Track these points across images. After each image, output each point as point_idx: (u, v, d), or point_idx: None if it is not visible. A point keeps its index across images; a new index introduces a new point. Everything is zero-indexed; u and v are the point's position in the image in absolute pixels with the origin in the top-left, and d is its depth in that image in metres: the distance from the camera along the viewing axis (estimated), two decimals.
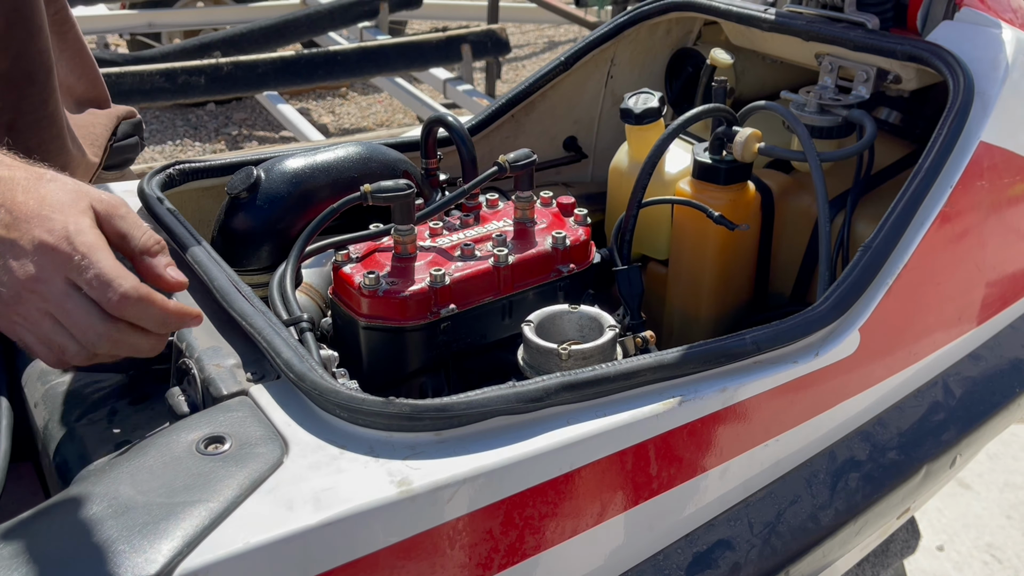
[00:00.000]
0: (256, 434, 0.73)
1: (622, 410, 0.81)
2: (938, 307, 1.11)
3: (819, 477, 0.97)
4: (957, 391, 1.12)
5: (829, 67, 1.34)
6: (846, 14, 1.30)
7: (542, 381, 0.78)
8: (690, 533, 0.89)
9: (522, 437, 0.76)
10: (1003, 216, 1.19)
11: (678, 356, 0.85)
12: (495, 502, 0.73)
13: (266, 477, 0.68)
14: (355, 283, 1.00)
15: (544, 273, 1.08)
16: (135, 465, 0.69)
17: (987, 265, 1.18)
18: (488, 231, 1.10)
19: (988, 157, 1.12)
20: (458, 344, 1.03)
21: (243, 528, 0.64)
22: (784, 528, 0.92)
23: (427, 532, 0.70)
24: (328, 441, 0.73)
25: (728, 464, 0.90)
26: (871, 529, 1.01)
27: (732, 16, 1.41)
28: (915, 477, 1.03)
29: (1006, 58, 1.17)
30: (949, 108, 1.10)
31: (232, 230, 1.09)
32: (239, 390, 0.79)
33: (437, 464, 0.72)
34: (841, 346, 0.96)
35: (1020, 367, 1.21)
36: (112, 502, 0.66)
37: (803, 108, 1.32)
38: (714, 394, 0.86)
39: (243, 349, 0.84)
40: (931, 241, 1.04)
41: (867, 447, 1.02)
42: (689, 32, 1.62)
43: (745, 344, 0.89)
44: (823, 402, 0.98)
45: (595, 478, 0.79)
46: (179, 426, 0.74)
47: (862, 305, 0.98)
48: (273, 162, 1.11)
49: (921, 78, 1.28)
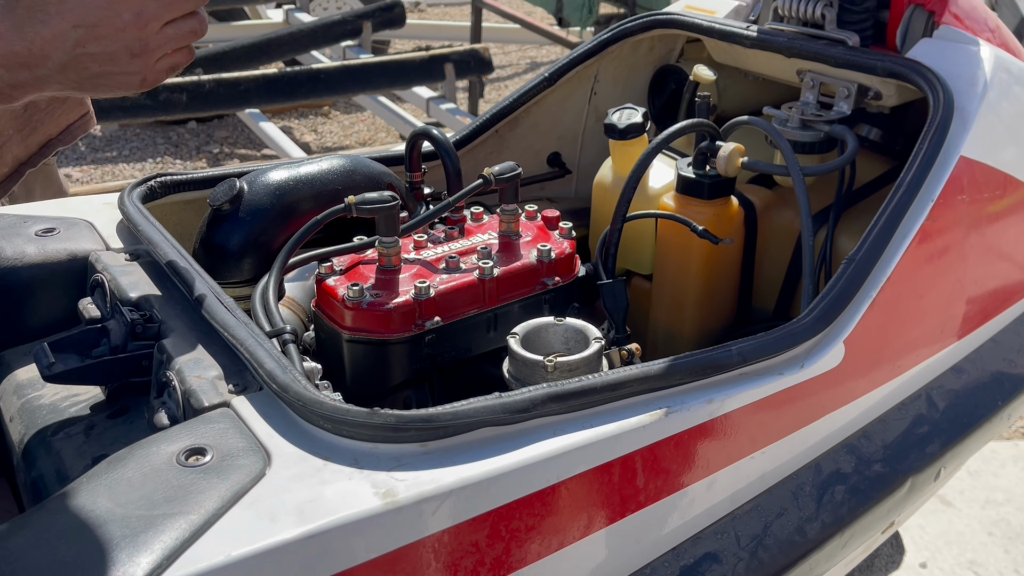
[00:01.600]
0: (238, 446, 0.71)
1: (608, 421, 0.80)
2: (921, 320, 1.12)
3: (805, 490, 0.97)
4: (941, 404, 1.12)
5: (811, 83, 1.35)
6: (827, 31, 1.32)
7: (528, 392, 0.77)
8: (677, 546, 0.88)
9: (508, 448, 0.75)
10: (983, 230, 1.20)
11: (664, 367, 0.85)
12: (481, 514, 0.72)
13: (248, 489, 0.67)
14: (339, 295, 0.99)
15: (529, 286, 1.07)
16: (114, 477, 0.68)
17: (968, 278, 1.19)
18: (473, 244, 1.10)
19: (968, 172, 1.14)
20: (443, 357, 1.03)
21: (225, 541, 0.63)
22: (771, 541, 0.92)
23: (412, 544, 0.69)
24: (311, 452, 0.72)
25: (715, 476, 0.89)
26: (857, 542, 1.01)
27: (714, 33, 1.42)
28: (900, 490, 1.03)
29: (985, 75, 1.19)
30: (929, 123, 1.12)
31: (214, 242, 1.07)
32: (221, 402, 0.77)
33: (422, 475, 0.71)
34: (826, 358, 0.96)
35: (1002, 380, 1.22)
36: (90, 515, 0.64)
37: (785, 124, 1.33)
38: (700, 406, 0.86)
39: (225, 361, 0.83)
40: (913, 254, 1.05)
41: (852, 460, 1.02)
42: (672, 49, 1.63)
43: (731, 356, 0.89)
44: (809, 414, 0.98)
45: (581, 490, 0.79)
46: (159, 438, 0.73)
47: (846, 317, 0.99)
48: (256, 174, 1.11)
49: (901, 94, 1.29)
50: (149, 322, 0.89)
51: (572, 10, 3.97)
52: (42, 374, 0.84)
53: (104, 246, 1.04)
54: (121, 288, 0.93)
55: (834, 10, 1.31)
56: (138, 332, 0.88)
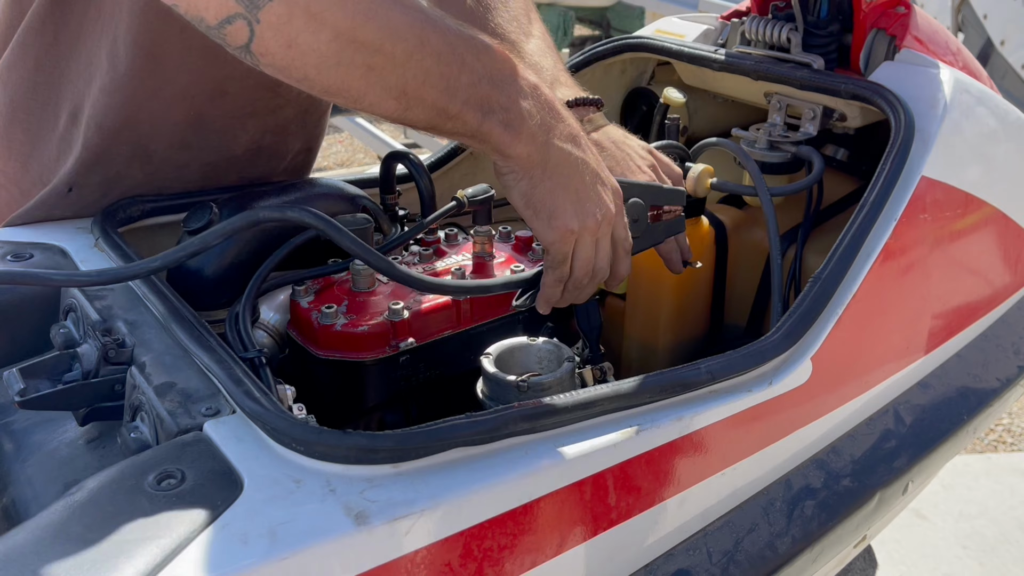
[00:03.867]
0: (210, 469, 0.72)
1: (580, 440, 0.81)
2: (887, 336, 1.14)
3: (775, 505, 0.98)
4: (908, 419, 1.14)
5: (778, 105, 1.38)
6: (792, 55, 1.35)
7: (499, 412, 0.78)
8: (650, 563, 0.89)
9: (480, 468, 0.76)
10: (947, 248, 1.23)
11: (634, 386, 0.87)
12: (454, 534, 0.73)
13: (221, 512, 0.68)
14: (312, 317, 0.99)
15: (503, 306, 1.09)
16: (86, 503, 0.68)
17: (933, 295, 1.21)
18: (447, 265, 1.11)
19: (930, 191, 1.16)
20: (417, 378, 1.03)
21: (197, 564, 0.63)
22: (742, 557, 0.93)
23: (385, 565, 0.70)
24: (284, 475, 0.72)
25: (686, 493, 0.91)
26: (828, 556, 1.03)
27: (684, 56, 1.45)
28: (869, 504, 1.05)
29: (944, 96, 1.22)
30: (891, 144, 1.14)
31: (188, 266, 1.08)
32: (193, 425, 0.78)
33: (395, 496, 0.71)
34: (794, 375, 0.98)
35: (967, 395, 1.24)
36: (62, 541, 0.64)
37: (753, 145, 1.35)
38: (671, 423, 0.87)
39: (198, 384, 0.83)
40: (878, 272, 1.07)
41: (822, 475, 1.03)
42: (643, 72, 1.66)
43: (700, 374, 0.90)
44: (778, 431, 1.00)
45: (554, 508, 0.80)
46: (131, 462, 0.73)
47: (813, 334, 1.01)
48: (230, 198, 1.11)
49: (865, 116, 1.32)
50: (121, 346, 0.89)
51: None
52: (13, 400, 0.84)
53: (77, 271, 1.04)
54: (93, 313, 0.94)
55: (799, 34, 1.34)
56: (110, 356, 0.88)
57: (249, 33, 0.71)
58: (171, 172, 1.14)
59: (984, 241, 1.33)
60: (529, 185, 0.86)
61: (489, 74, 0.80)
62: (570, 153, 0.86)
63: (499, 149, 0.84)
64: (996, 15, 4.17)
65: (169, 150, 1.11)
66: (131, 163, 1.10)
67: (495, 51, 0.82)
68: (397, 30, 0.75)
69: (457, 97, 0.79)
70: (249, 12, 0.70)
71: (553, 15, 4.41)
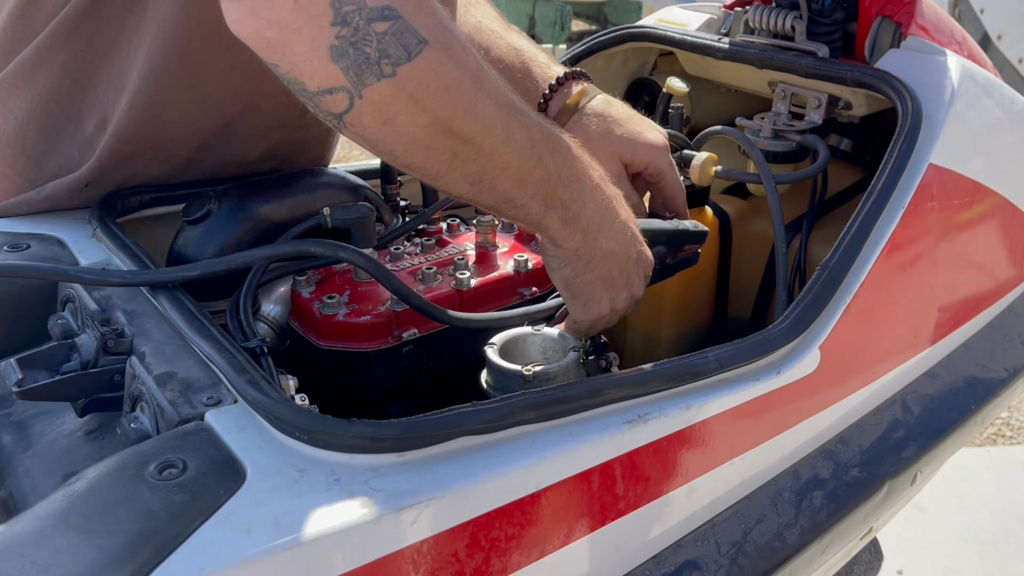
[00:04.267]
0: (212, 458, 0.70)
1: (586, 429, 0.80)
2: (895, 325, 1.13)
3: (784, 496, 0.97)
4: (916, 409, 1.13)
5: (782, 94, 1.37)
6: (797, 43, 1.34)
7: (505, 400, 0.77)
8: (657, 554, 0.88)
9: (487, 457, 0.75)
10: (954, 237, 1.22)
11: (641, 374, 0.85)
12: (460, 524, 0.72)
13: (223, 502, 0.66)
14: (313, 308, 0.98)
15: (506, 296, 1.07)
16: (86, 493, 0.66)
17: (940, 284, 1.20)
18: (449, 255, 1.10)
19: (938, 179, 1.15)
20: (420, 368, 1.02)
21: (199, 555, 0.62)
22: (751, 547, 0.92)
23: (390, 555, 0.68)
24: (288, 464, 0.71)
25: (694, 483, 0.89)
26: (836, 547, 1.01)
27: (686, 46, 1.44)
28: (878, 494, 1.04)
29: (952, 84, 1.21)
30: (899, 132, 1.13)
31: (188, 256, 1.06)
32: (194, 415, 0.76)
33: (400, 485, 0.70)
34: (802, 364, 0.97)
35: (975, 385, 1.23)
36: (61, 530, 0.63)
37: (758, 134, 1.34)
38: (678, 412, 0.86)
39: (199, 374, 0.81)
40: (886, 260, 1.06)
41: (830, 465, 1.02)
42: (645, 62, 1.64)
43: (708, 362, 0.89)
44: (786, 420, 0.98)
45: (561, 498, 0.78)
46: (132, 452, 0.71)
47: (821, 323, 0.99)
48: (230, 187, 1.10)
49: (870, 104, 1.31)
50: (121, 336, 0.87)
51: (545, 27, 4.01)
52: (12, 391, 0.83)
53: (75, 262, 1.03)
54: (92, 303, 0.92)
55: (804, 22, 1.33)
56: (109, 347, 0.86)
57: (348, 105, 0.71)
58: (184, 168, 1.14)
59: (991, 230, 1.32)
60: (572, 273, 0.92)
61: (560, 172, 0.85)
62: (614, 251, 0.92)
63: (554, 240, 0.89)
64: (993, 9, 4.17)
65: (189, 152, 1.12)
66: (150, 164, 1.11)
67: (569, 149, 0.87)
68: (489, 124, 0.77)
69: (526, 190, 0.83)
70: (355, 88, 0.70)
71: (550, 10, 4.40)
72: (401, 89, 0.71)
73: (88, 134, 1.08)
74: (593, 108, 1.12)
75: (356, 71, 0.69)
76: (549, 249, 0.92)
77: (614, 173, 1.08)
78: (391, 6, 0.69)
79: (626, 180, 1.11)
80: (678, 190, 1.13)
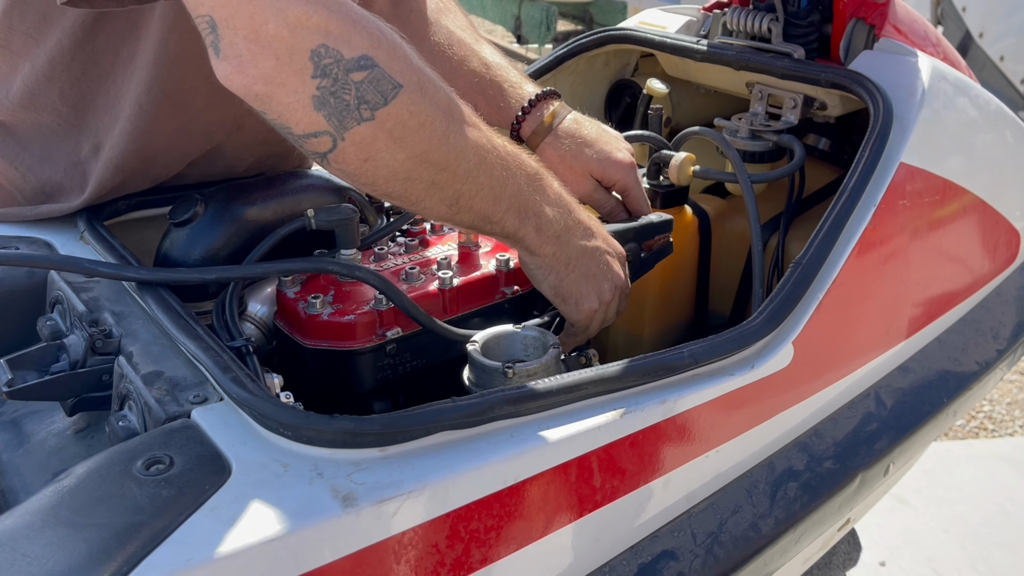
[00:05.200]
0: (199, 454, 0.72)
1: (564, 423, 0.83)
2: (868, 321, 1.16)
3: (759, 487, 0.99)
4: (888, 402, 1.16)
5: (759, 95, 1.39)
6: (773, 45, 1.36)
7: (484, 396, 0.79)
8: (635, 545, 0.90)
9: (466, 451, 0.77)
10: (926, 235, 1.24)
11: (619, 370, 0.88)
12: (440, 515, 0.74)
13: (209, 496, 0.68)
14: (299, 307, 1.00)
15: (489, 295, 1.09)
16: (74, 487, 0.68)
17: (913, 281, 1.23)
18: (433, 255, 1.12)
19: (909, 178, 1.18)
20: (404, 367, 1.04)
21: (185, 547, 0.64)
22: (726, 537, 0.94)
23: (373, 547, 0.70)
24: (272, 459, 0.73)
25: (670, 475, 0.92)
26: (810, 537, 1.04)
27: (666, 48, 1.46)
28: (850, 485, 1.06)
29: (923, 84, 1.24)
30: (870, 132, 1.16)
31: (174, 258, 1.08)
32: (181, 412, 0.78)
33: (382, 479, 0.72)
34: (776, 359, 1.00)
35: (947, 378, 1.26)
36: (51, 525, 0.65)
37: (735, 134, 1.37)
38: (654, 406, 0.88)
39: (185, 373, 0.83)
40: (858, 257, 1.09)
41: (804, 457, 1.05)
42: (627, 64, 1.67)
43: (683, 357, 0.91)
44: (761, 414, 1.01)
45: (539, 490, 0.81)
46: (120, 449, 0.73)
47: (795, 319, 1.02)
48: (215, 190, 1.12)
49: (845, 104, 1.34)
50: (108, 337, 0.89)
51: (531, 27, 4.03)
52: (2, 391, 0.85)
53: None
54: (80, 304, 0.94)
55: (780, 24, 1.36)
56: (97, 347, 0.88)
57: (332, 146, 0.78)
58: (173, 181, 1.18)
59: (963, 227, 1.35)
60: (557, 279, 0.99)
61: (529, 185, 0.92)
62: (586, 247, 0.99)
63: (530, 249, 0.96)
64: (975, 7, 4.21)
65: (178, 170, 1.17)
66: (141, 185, 1.16)
67: (531, 164, 0.94)
68: (463, 151, 0.84)
69: (501, 206, 0.90)
70: (337, 132, 0.77)
71: (536, 10, 4.42)
72: (380, 130, 0.77)
73: (83, 157, 1.11)
74: (565, 129, 1.17)
75: (338, 117, 0.76)
76: (530, 262, 0.98)
77: (588, 187, 1.15)
78: (367, 55, 0.76)
79: (601, 190, 1.17)
80: (643, 202, 1.19)
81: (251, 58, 0.73)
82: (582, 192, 1.07)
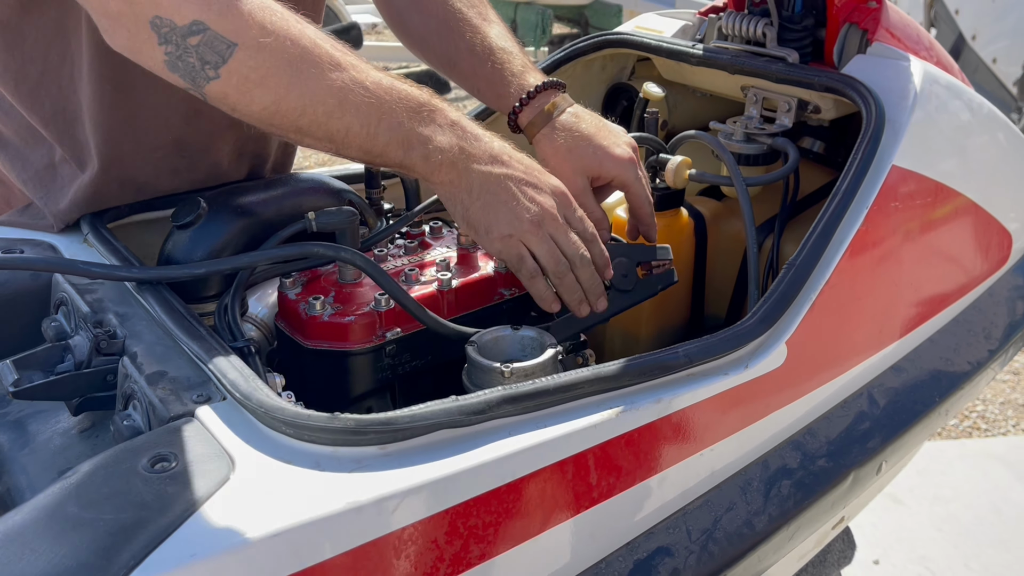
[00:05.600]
0: (202, 452, 0.74)
1: (561, 421, 0.84)
2: (861, 321, 1.18)
3: (753, 485, 1.01)
4: (881, 401, 1.17)
5: (754, 99, 1.41)
6: (768, 49, 1.38)
7: (483, 395, 0.81)
8: (631, 541, 0.91)
9: (465, 449, 0.78)
10: (918, 236, 1.26)
11: (615, 369, 0.89)
12: (439, 512, 0.75)
13: (212, 493, 0.70)
14: (300, 309, 1.01)
15: (487, 296, 1.11)
16: (80, 484, 0.70)
17: (905, 281, 1.25)
18: (432, 257, 1.13)
19: (901, 180, 1.20)
20: (404, 367, 1.05)
21: (189, 542, 0.65)
22: (721, 534, 0.96)
23: (373, 542, 0.72)
24: (274, 457, 0.74)
25: (665, 473, 0.93)
26: (804, 534, 1.06)
27: (662, 52, 1.48)
28: (843, 483, 1.08)
29: (915, 88, 1.26)
30: (863, 135, 1.18)
31: (177, 260, 1.09)
32: (185, 411, 0.80)
33: (382, 476, 0.74)
34: (769, 358, 1.01)
35: (940, 378, 1.27)
36: (57, 521, 0.66)
37: (730, 137, 1.38)
38: (650, 405, 0.90)
39: (189, 372, 0.85)
40: (850, 258, 1.10)
41: (798, 455, 1.06)
42: (623, 68, 1.68)
43: (678, 357, 0.93)
44: (755, 413, 1.03)
45: (537, 488, 0.82)
46: (125, 447, 0.75)
47: (788, 319, 1.03)
48: (218, 193, 1.13)
49: (838, 108, 1.35)
50: (113, 337, 0.90)
51: (526, 30, 4.04)
52: (8, 391, 0.86)
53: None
54: (84, 306, 0.95)
55: (774, 29, 1.38)
56: (102, 347, 0.90)
57: (203, 97, 0.88)
58: (163, 194, 1.19)
59: (956, 229, 1.37)
60: (463, 207, 0.99)
61: (412, 117, 0.94)
62: (490, 172, 0.98)
63: (424, 178, 0.98)
64: (968, 10, 4.23)
65: (158, 179, 1.17)
66: (123, 194, 1.16)
67: (417, 95, 0.95)
68: (317, 95, 0.88)
69: (378, 141, 0.93)
70: (196, 88, 0.87)
71: (531, 13, 4.44)
72: (227, 86, 0.86)
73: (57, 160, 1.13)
74: (563, 122, 1.15)
75: (190, 77, 0.86)
76: (435, 192, 1.01)
77: (578, 187, 1.12)
78: (198, 20, 0.83)
79: (590, 195, 1.14)
80: (644, 201, 1.16)
81: (112, 31, 0.84)
82: (572, 191, 1.05)
